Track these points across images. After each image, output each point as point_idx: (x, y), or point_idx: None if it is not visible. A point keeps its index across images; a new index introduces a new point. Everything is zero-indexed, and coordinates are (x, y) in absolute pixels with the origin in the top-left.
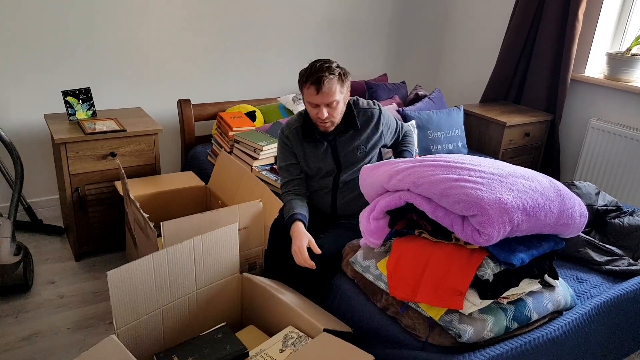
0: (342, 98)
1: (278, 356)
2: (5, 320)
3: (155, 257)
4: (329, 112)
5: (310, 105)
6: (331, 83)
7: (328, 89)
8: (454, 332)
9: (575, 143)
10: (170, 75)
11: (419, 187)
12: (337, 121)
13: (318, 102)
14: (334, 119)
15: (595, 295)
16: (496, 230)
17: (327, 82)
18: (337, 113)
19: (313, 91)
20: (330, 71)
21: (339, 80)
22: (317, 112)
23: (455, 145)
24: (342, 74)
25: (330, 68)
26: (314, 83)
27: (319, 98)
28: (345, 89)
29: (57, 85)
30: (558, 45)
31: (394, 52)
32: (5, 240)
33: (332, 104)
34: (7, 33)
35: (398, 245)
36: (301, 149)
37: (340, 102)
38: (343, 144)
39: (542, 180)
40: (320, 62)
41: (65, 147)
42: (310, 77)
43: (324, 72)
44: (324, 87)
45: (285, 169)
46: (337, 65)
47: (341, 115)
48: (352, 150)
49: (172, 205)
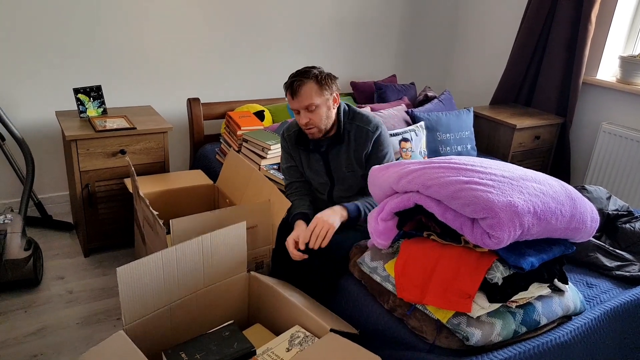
0: (323, 102)
1: (284, 355)
2: (15, 314)
3: (164, 254)
4: (310, 117)
5: (294, 112)
6: (304, 87)
7: (302, 93)
8: (462, 335)
9: (586, 147)
10: (180, 74)
11: (428, 188)
12: (323, 127)
13: (296, 107)
14: (317, 124)
15: (605, 300)
16: (506, 234)
17: (300, 86)
18: (318, 117)
19: (289, 97)
20: (305, 75)
21: (317, 83)
22: (299, 118)
23: (464, 147)
24: (322, 78)
25: (306, 72)
26: (288, 88)
27: (295, 103)
28: (328, 94)
29: (69, 83)
30: (570, 47)
31: (403, 52)
32: (16, 235)
33: (310, 108)
34: (19, 31)
35: (406, 246)
36: (297, 154)
37: (320, 105)
38: (334, 157)
39: (553, 183)
40: (299, 69)
41: (76, 144)
42: (290, 86)
43: (296, 77)
44: (297, 90)
45: (287, 171)
46: (318, 70)
47: (327, 120)
48: (340, 166)
49: (181, 203)
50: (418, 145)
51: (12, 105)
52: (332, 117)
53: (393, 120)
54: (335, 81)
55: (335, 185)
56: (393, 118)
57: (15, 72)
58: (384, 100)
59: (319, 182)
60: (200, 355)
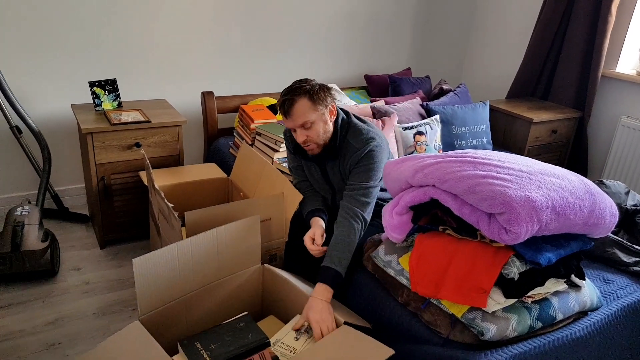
0: (318, 117)
1: (295, 344)
2: (32, 305)
3: (179, 246)
4: (306, 134)
5: (291, 130)
6: (297, 105)
7: (295, 111)
8: (477, 329)
9: (604, 141)
10: (194, 68)
11: (444, 183)
12: (322, 142)
13: (291, 126)
14: (315, 140)
15: (622, 296)
16: (524, 229)
17: (292, 105)
18: (316, 133)
19: (283, 117)
20: (296, 92)
21: (309, 99)
22: (296, 136)
23: (480, 141)
24: (314, 93)
25: (297, 89)
26: (281, 107)
27: (290, 122)
28: (323, 107)
29: (84, 76)
30: (589, 40)
31: (418, 45)
32: (33, 226)
33: (305, 125)
34: (36, 25)
35: (421, 241)
36: (299, 158)
37: (316, 121)
38: (331, 168)
39: (572, 178)
40: (290, 85)
41: (91, 137)
42: (278, 102)
43: (288, 95)
44: (290, 110)
45: (294, 171)
46: (310, 84)
47: (325, 135)
48: (338, 179)
49: (195, 196)
50: (433, 139)
51: (29, 98)
52: (329, 131)
53: (407, 113)
54: (330, 92)
55: (336, 192)
56: (407, 111)
57: (32, 65)
58: (399, 93)
59: (320, 188)
60: (215, 346)
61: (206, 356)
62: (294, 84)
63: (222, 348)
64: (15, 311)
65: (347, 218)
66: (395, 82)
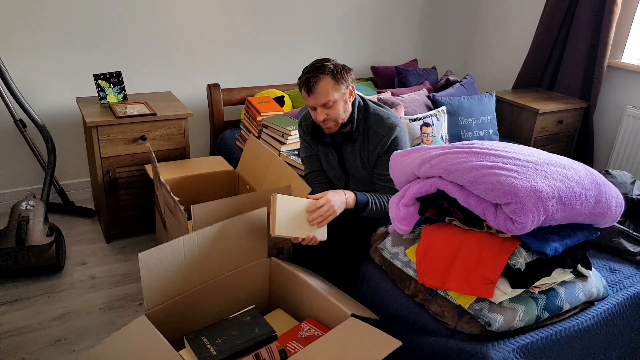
0: (340, 96)
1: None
2: (38, 300)
3: (185, 240)
4: (327, 113)
5: (310, 108)
6: (321, 83)
7: (319, 89)
8: (484, 320)
9: (610, 131)
10: (199, 60)
11: (451, 174)
12: (341, 120)
13: (313, 104)
14: (335, 119)
15: (628, 286)
16: (530, 219)
17: (316, 83)
18: (336, 113)
19: (305, 94)
20: (320, 70)
21: (333, 78)
22: (316, 114)
23: (486, 132)
24: (337, 72)
25: (321, 67)
26: (303, 85)
27: (312, 100)
28: (344, 87)
29: (89, 69)
30: (595, 30)
31: (424, 36)
32: (38, 221)
33: (327, 104)
34: (40, 17)
35: (428, 232)
36: (315, 144)
37: (338, 100)
38: (348, 153)
39: (578, 168)
40: (313, 63)
41: (96, 130)
42: (300, 80)
43: (312, 73)
44: (314, 88)
45: (307, 161)
46: (332, 63)
47: (345, 114)
48: (356, 164)
49: (201, 189)
50: (439, 130)
51: (33, 91)
52: (349, 111)
53: (414, 105)
54: (351, 73)
55: (350, 179)
56: (414, 103)
57: (36, 58)
58: (405, 84)
59: (334, 176)
60: (221, 340)
61: (213, 350)
62: (317, 62)
63: (228, 342)
64: (20, 306)
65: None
66: (401, 73)
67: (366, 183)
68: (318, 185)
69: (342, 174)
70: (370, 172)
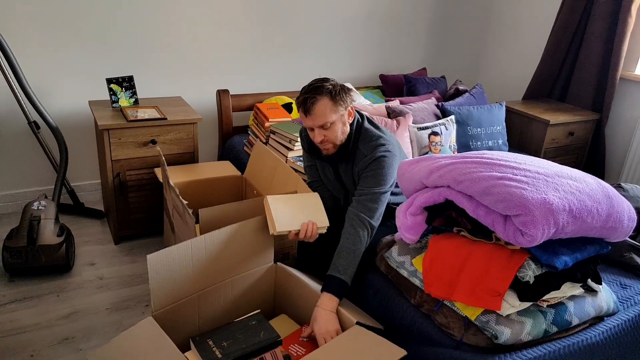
0: (338, 118)
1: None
2: (47, 298)
3: (193, 243)
4: (324, 135)
5: (307, 129)
6: (319, 104)
7: (316, 111)
8: (491, 333)
9: (622, 144)
10: (210, 66)
11: (460, 184)
12: (338, 142)
13: (310, 125)
14: (332, 140)
15: (639, 302)
16: (540, 232)
17: (313, 104)
18: (334, 134)
19: (302, 115)
20: (318, 91)
21: (331, 99)
22: (313, 135)
23: (495, 142)
24: (336, 93)
25: (320, 88)
26: (301, 106)
27: (309, 121)
28: (342, 109)
29: (102, 73)
30: (607, 41)
31: (434, 45)
32: (49, 221)
33: (325, 126)
34: (55, 22)
35: (435, 242)
36: (314, 158)
37: (335, 122)
38: (344, 171)
39: (590, 181)
40: (311, 83)
41: (108, 133)
42: (298, 99)
43: (309, 94)
44: (311, 109)
45: (308, 170)
46: (331, 83)
47: (342, 136)
48: (350, 182)
49: (209, 194)
50: (448, 140)
51: (47, 94)
52: (346, 132)
53: (422, 113)
54: (350, 94)
55: (349, 193)
56: (422, 111)
57: (51, 62)
58: (414, 93)
59: (334, 189)
60: (227, 343)
61: (218, 353)
62: (315, 82)
63: (234, 345)
64: (29, 305)
65: (353, 225)
66: (410, 82)
67: None
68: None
69: (341, 187)
70: None
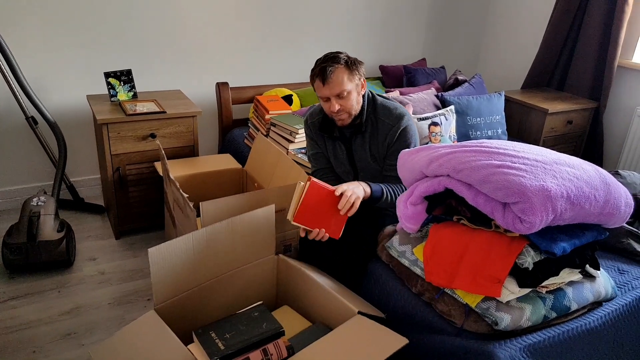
0: (354, 87)
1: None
2: (48, 294)
3: (194, 236)
4: (340, 104)
5: (322, 100)
6: (336, 72)
7: (334, 79)
8: (491, 319)
9: (620, 131)
10: (209, 59)
11: (459, 172)
12: (354, 112)
13: (327, 94)
14: (349, 110)
15: (636, 287)
16: (539, 219)
17: (332, 72)
18: (350, 104)
19: (320, 84)
20: (335, 60)
21: (346, 68)
22: (329, 105)
23: (495, 131)
24: (350, 63)
25: (336, 57)
26: (319, 75)
27: (326, 90)
28: (357, 79)
29: (100, 67)
30: (605, 30)
31: (433, 36)
32: (49, 217)
33: (342, 94)
34: (52, 16)
35: (435, 231)
36: (322, 141)
37: (351, 91)
38: (358, 146)
39: (587, 168)
40: (327, 55)
41: (107, 127)
42: (315, 69)
43: (327, 63)
44: (329, 77)
45: (313, 158)
46: (345, 54)
47: (357, 106)
48: (366, 157)
49: (210, 187)
50: (448, 130)
51: (45, 89)
52: (360, 103)
53: (422, 104)
54: (362, 66)
55: (358, 174)
56: (422, 102)
57: (48, 56)
58: (414, 84)
59: (342, 171)
60: (229, 335)
61: (221, 345)
62: (330, 54)
63: (236, 337)
64: (31, 301)
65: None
66: (410, 72)
67: (375, 176)
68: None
69: (351, 168)
70: (380, 165)
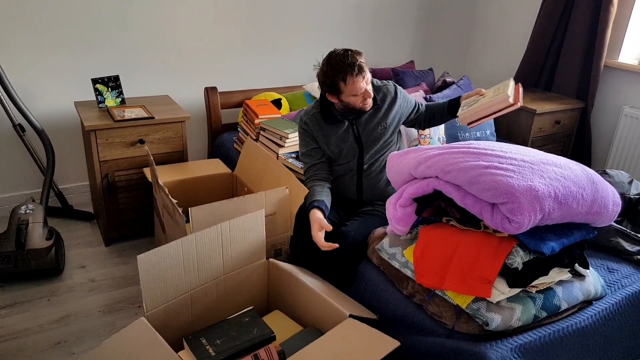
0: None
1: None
2: (38, 303)
3: (184, 242)
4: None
5: (354, 95)
6: (362, 63)
7: (365, 69)
8: (482, 320)
9: (608, 131)
10: (197, 63)
11: (447, 174)
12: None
13: (363, 86)
14: (371, 94)
15: (626, 285)
16: (527, 218)
17: (361, 64)
18: (370, 87)
19: (360, 79)
20: (352, 56)
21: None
22: (363, 95)
23: (483, 132)
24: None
25: (352, 50)
26: (359, 72)
27: (360, 80)
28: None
29: (87, 73)
30: (591, 30)
31: (421, 38)
32: (37, 225)
33: (368, 81)
34: (38, 21)
35: (425, 232)
36: (321, 132)
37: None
38: (364, 123)
39: (574, 167)
40: (346, 52)
41: (95, 134)
42: (351, 68)
43: (354, 59)
44: (362, 70)
45: (307, 154)
46: (343, 49)
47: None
48: (372, 128)
49: (199, 192)
50: (436, 132)
51: (32, 96)
52: None
53: None
54: None
55: (364, 149)
56: None
57: (34, 63)
58: (402, 86)
59: (348, 152)
60: (220, 341)
61: (211, 351)
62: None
63: (227, 343)
64: (20, 310)
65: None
66: (398, 75)
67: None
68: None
69: (356, 145)
70: (386, 131)
